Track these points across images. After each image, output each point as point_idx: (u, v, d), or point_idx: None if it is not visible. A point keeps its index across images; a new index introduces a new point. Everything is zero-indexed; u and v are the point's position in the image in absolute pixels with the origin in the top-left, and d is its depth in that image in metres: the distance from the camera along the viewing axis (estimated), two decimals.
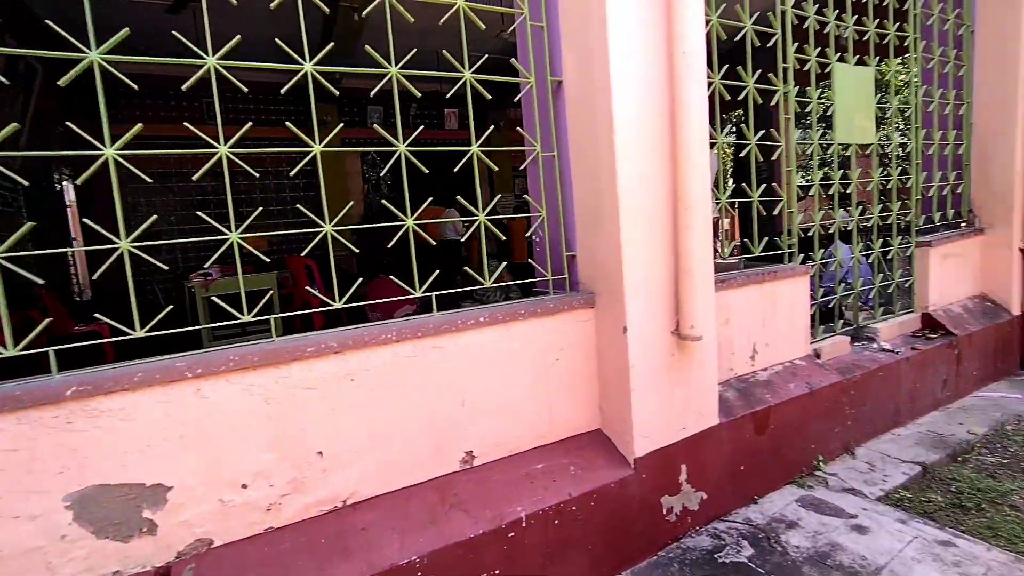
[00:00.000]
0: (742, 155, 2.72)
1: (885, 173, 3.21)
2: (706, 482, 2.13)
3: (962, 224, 3.61)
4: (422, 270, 1.77)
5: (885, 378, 2.76)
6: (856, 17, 2.85)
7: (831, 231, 2.95)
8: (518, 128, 2.19)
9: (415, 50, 1.74)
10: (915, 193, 3.23)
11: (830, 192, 2.88)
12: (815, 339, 2.81)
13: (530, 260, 2.29)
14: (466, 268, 1.98)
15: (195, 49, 1.44)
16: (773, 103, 2.61)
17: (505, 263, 2.35)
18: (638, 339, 1.86)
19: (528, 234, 2.25)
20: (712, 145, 2.08)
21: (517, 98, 2.08)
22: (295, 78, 1.57)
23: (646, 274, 1.87)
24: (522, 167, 2.13)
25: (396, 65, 1.68)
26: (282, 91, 1.61)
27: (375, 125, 1.85)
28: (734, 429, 2.21)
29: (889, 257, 3.17)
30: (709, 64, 2.13)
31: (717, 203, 2.40)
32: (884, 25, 3.01)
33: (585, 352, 2.01)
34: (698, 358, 2.03)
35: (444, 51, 1.86)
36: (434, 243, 2.15)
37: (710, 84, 2.19)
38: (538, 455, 1.89)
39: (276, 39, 1.59)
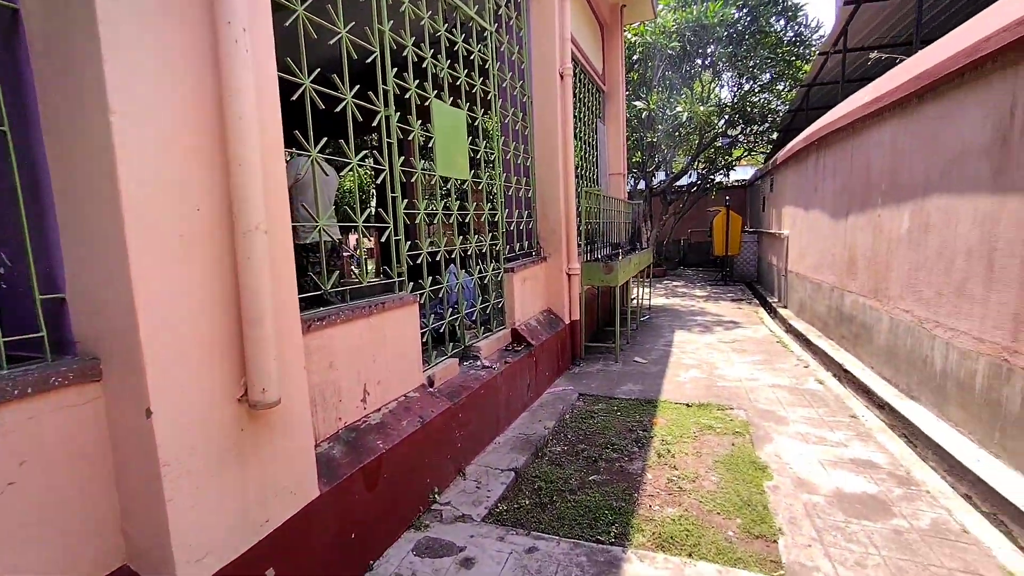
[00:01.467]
0: (379, 180, 2.51)
1: (490, 207, 3.62)
2: (308, 573, 1.70)
3: (533, 253, 4.49)
4: None
5: (486, 394, 3.02)
6: (449, 62, 3.07)
7: (441, 257, 3.06)
8: None
9: None
10: (501, 226, 3.76)
11: (449, 221, 2.99)
12: (429, 365, 2.83)
13: None
14: None
15: None
16: (375, 123, 2.47)
17: None
18: (175, 423, 1.26)
19: None
20: (345, 167, 1.69)
21: None
22: None
23: (185, 326, 1.29)
24: None
25: None
26: None
27: None
28: (340, 494, 1.87)
29: (485, 282, 3.57)
30: (342, 79, 2.01)
31: (354, 226, 2.16)
32: (472, 77, 3.37)
33: (85, 456, 1.25)
34: (281, 425, 1.58)
35: None
36: None
37: (341, 101, 1.90)
38: None
39: None
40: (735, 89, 11.75)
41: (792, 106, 10.71)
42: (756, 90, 11.46)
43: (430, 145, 2.91)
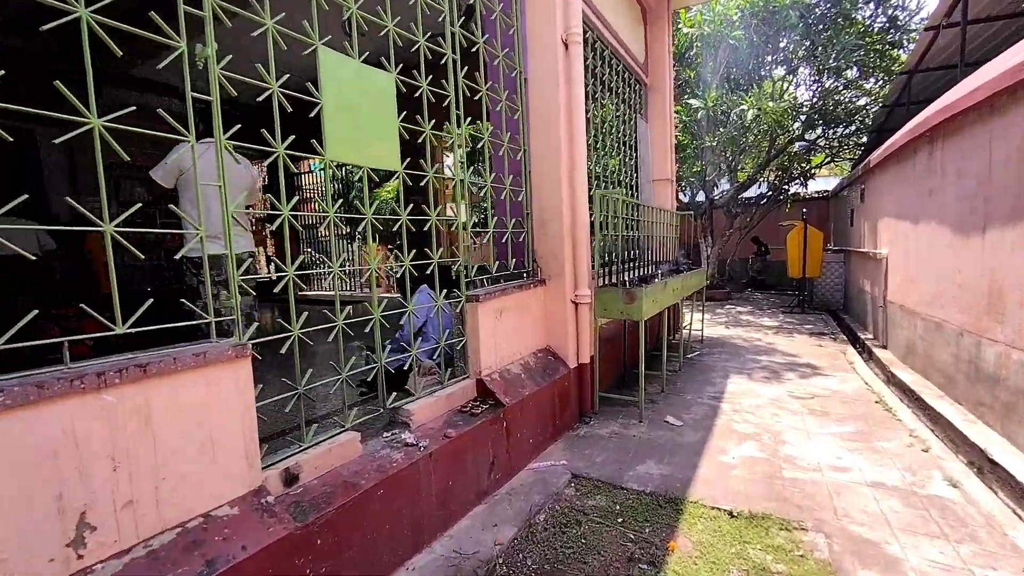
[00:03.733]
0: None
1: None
2: None
3: (525, 275, 3.41)
4: None
5: (391, 494, 1.96)
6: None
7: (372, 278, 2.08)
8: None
9: None
10: (461, 239, 2.73)
11: (358, 229, 2.03)
12: (289, 453, 1.83)
13: None
14: None
15: None
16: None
17: None
18: None
19: None
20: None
21: None
22: None
23: None
24: None
25: None
26: None
27: None
28: None
29: (431, 315, 2.54)
30: None
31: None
32: (415, 32, 2.41)
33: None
34: None
35: None
36: None
37: None
38: None
39: None
40: (814, 87, 10.07)
41: (887, 101, 8.91)
42: (840, 88, 9.74)
43: (319, 115, 1.96)
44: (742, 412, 3.73)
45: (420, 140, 2.47)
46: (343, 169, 10.17)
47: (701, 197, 11.08)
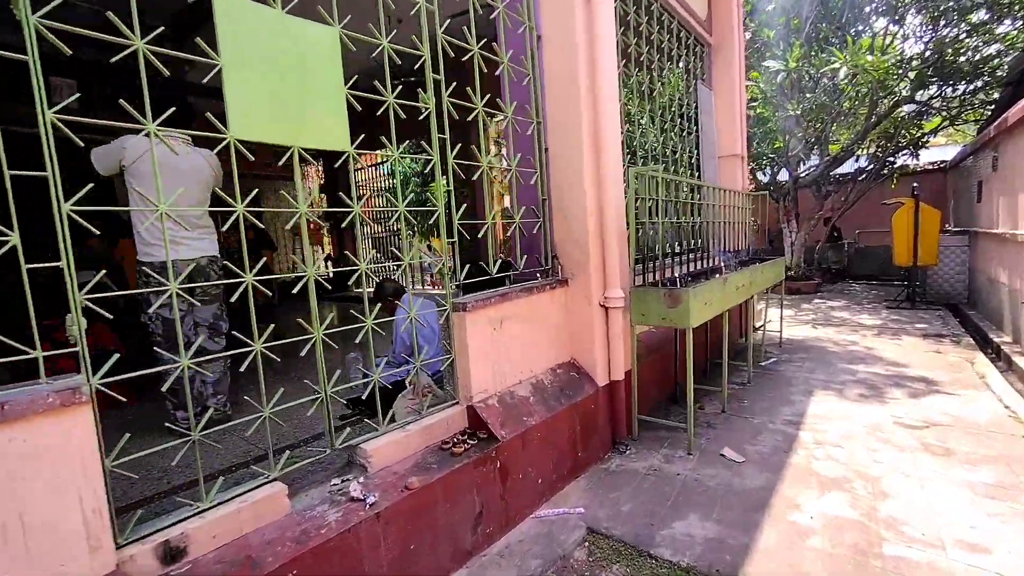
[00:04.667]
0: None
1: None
2: None
3: (539, 274, 2.83)
4: None
5: (314, 573, 1.49)
6: None
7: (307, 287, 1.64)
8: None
9: None
10: (443, 231, 2.21)
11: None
12: (200, 507, 1.42)
13: None
14: None
15: None
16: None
17: None
18: None
19: None
20: None
21: None
22: None
23: None
24: None
25: None
26: None
27: None
28: None
29: (402, 331, 2.06)
30: None
31: None
32: None
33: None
34: None
35: None
36: None
37: None
38: None
39: None
40: (926, 37, 8.39)
41: None
42: (961, 36, 8.01)
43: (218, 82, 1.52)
44: (827, 445, 2.91)
45: (469, 118, 1.97)
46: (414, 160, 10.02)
47: (784, 176, 9.73)
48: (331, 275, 9.64)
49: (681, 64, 4.80)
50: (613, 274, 2.82)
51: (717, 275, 3.45)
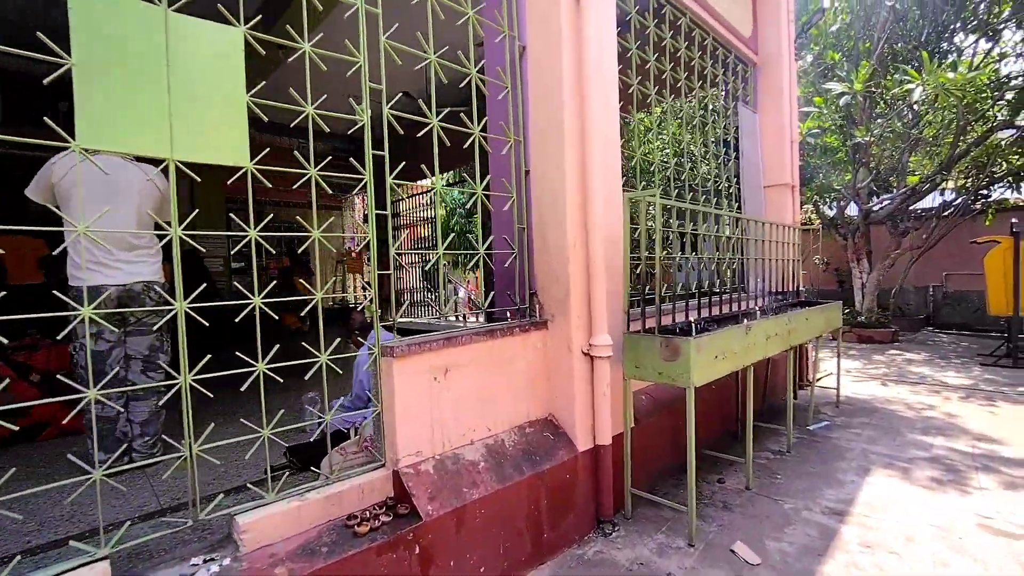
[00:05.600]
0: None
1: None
2: None
3: (508, 314, 2.43)
4: None
5: None
6: None
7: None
8: None
9: None
10: (374, 261, 1.89)
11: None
12: None
13: None
14: None
15: None
16: None
17: None
18: None
19: None
20: None
21: None
22: None
23: None
24: None
25: None
26: None
27: None
28: None
29: (306, 379, 1.73)
30: None
31: None
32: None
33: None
34: None
35: None
36: None
37: None
38: None
39: None
40: None
41: None
42: None
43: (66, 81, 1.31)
44: (878, 549, 2.23)
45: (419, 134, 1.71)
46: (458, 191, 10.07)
47: (853, 210, 8.75)
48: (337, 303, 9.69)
49: (716, 84, 4.34)
50: (600, 317, 2.37)
51: (743, 321, 2.89)
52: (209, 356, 1.51)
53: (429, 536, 1.75)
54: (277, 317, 1.72)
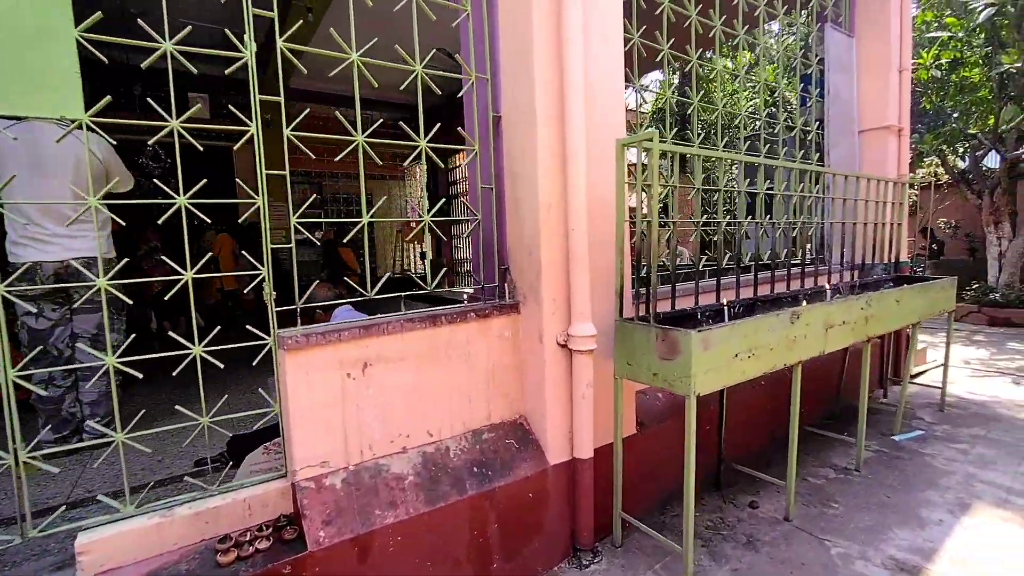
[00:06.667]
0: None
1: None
2: None
3: (465, 295, 1.99)
4: None
5: None
6: None
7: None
8: None
9: None
10: (266, 234, 1.53)
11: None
12: None
13: None
14: None
15: None
16: None
17: None
18: None
19: None
20: None
21: None
22: None
23: None
24: None
25: None
26: None
27: None
28: None
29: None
30: None
31: None
32: None
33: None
34: None
35: None
36: None
37: None
38: None
39: None
40: None
41: None
42: None
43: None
44: None
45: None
46: None
47: (993, 160, 7.03)
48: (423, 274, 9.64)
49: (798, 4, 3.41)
50: (581, 299, 1.86)
51: (803, 303, 2.21)
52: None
53: (316, 570, 1.43)
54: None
